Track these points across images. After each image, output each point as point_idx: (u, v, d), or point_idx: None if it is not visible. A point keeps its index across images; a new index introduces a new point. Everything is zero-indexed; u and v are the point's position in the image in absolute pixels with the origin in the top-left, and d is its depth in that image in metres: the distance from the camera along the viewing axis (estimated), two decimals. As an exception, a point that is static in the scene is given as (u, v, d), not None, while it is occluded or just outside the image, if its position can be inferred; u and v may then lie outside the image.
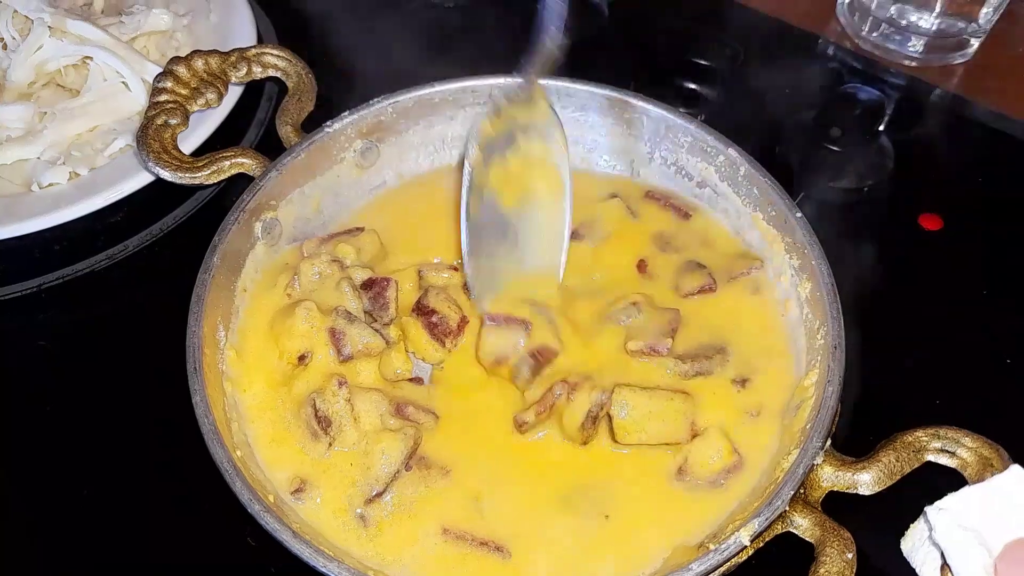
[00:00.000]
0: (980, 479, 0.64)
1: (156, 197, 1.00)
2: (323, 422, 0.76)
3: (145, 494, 0.82)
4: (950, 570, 0.59)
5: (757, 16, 1.25)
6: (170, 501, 0.82)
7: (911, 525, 0.65)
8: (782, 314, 0.84)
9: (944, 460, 0.67)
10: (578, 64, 1.09)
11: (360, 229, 0.90)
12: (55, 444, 0.86)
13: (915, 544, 0.64)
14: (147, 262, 1.00)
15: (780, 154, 1.07)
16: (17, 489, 0.84)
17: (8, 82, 1.07)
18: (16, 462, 0.86)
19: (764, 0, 1.26)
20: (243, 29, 1.13)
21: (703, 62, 1.18)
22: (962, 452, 0.67)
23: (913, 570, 0.64)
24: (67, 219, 0.96)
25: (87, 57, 1.07)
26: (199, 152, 0.96)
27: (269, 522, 0.65)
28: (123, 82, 1.07)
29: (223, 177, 0.89)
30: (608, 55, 1.16)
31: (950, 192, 1.05)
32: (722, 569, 0.65)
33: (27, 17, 1.07)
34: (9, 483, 0.84)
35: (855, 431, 0.73)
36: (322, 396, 0.76)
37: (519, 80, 0.81)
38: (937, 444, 0.68)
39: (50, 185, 1.00)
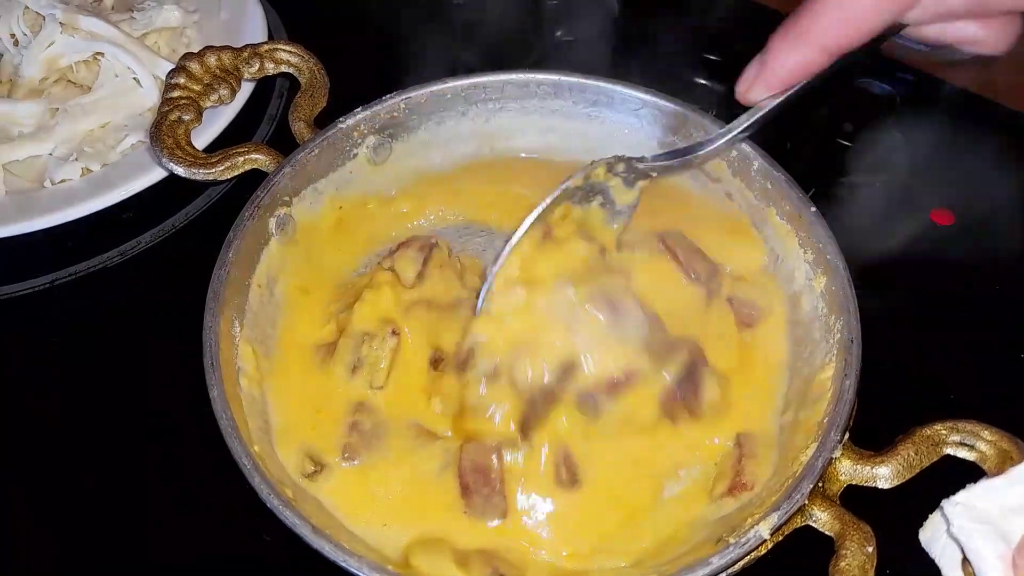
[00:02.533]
0: (1000, 472, 0.64)
1: (168, 193, 1.00)
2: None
3: (160, 490, 0.83)
4: (970, 564, 0.59)
5: (768, 11, 1.25)
6: (184, 496, 0.82)
7: (929, 517, 0.65)
8: None
9: (963, 453, 0.67)
10: (589, 60, 1.10)
11: None
12: (67, 440, 0.86)
13: (933, 536, 0.64)
14: (159, 258, 1.00)
15: (792, 149, 1.07)
16: (28, 485, 0.84)
17: (20, 78, 1.07)
18: (28, 458, 0.86)
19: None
20: (253, 25, 1.13)
21: (714, 58, 1.18)
22: (981, 445, 0.67)
23: (933, 563, 0.64)
24: (79, 215, 0.96)
25: (98, 53, 1.07)
26: (211, 148, 0.96)
27: (288, 517, 0.65)
28: (134, 78, 1.07)
29: (237, 173, 0.89)
30: (619, 51, 1.16)
31: (962, 187, 1.05)
32: (742, 562, 0.65)
33: (38, 13, 1.07)
34: (21, 479, 0.85)
35: (872, 425, 0.73)
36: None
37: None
38: (956, 438, 0.67)
39: (62, 181, 1.00)
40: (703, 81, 1.15)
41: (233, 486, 0.68)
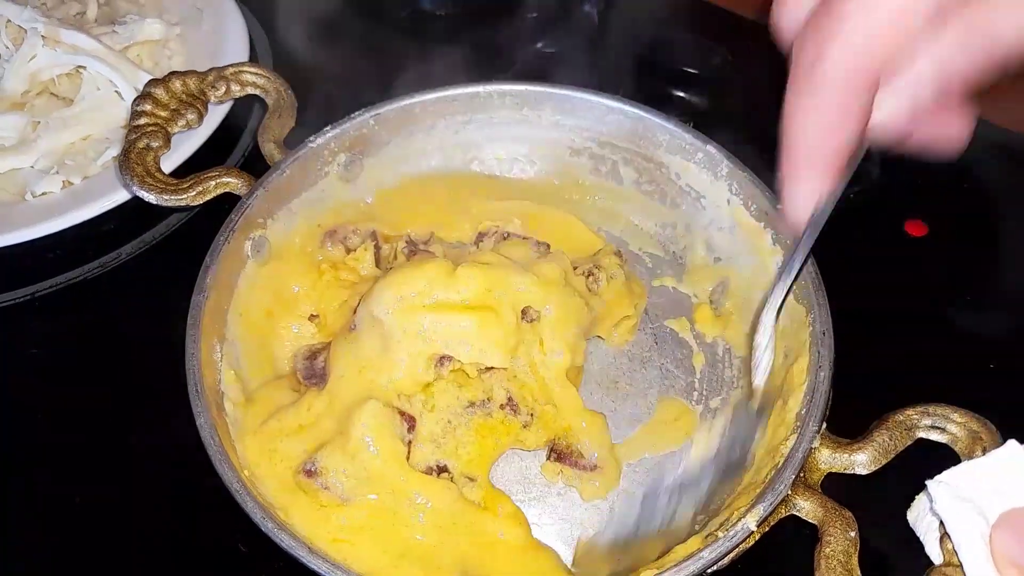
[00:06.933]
0: (971, 452, 0.66)
1: (149, 206, 0.98)
2: None
3: (136, 502, 0.82)
4: (949, 539, 0.60)
5: (745, 23, 1.27)
6: (161, 509, 0.82)
7: (916, 497, 0.66)
8: None
9: (935, 436, 0.69)
10: (567, 70, 1.11)
11: None
12: (46, 452, 0.86)
13: (919, 514, 0.65)
14: (140, 270, 1.00)
15: (767, 161, 1.08)
16: (7, 498, 0.84)
17: (1, 91, 1.07)
18: (6, 470, 0.85)
19: (752, 6, 1.28)
20: (236, 38, 1.14)
21: (691, 70, 1.20)
22: (952, 428, 0.68)
23: (914, 543, 0.65)
24: (60, 228, 0.96)
25: (80, 66, 1.08)
26: (186, 168, 0.95)
27: (284, 539, 0.65)
28: (116, 91, 1.07)
29: (208, 198, 0.89)
30: (598, 63, 1.17)
31: (935, 199, 1.07)
32: (731, 555, 0.66)
33: (20, 27, 1.08)
34: (1, 489, 0.84)
35: (847, 413, 0.74)
36: None
37: None
38: (927, 421, 0.69)
39: (43, 194, 1.01)
40: (681, 94, 1.17)
41: (209, 496, 0.69)
